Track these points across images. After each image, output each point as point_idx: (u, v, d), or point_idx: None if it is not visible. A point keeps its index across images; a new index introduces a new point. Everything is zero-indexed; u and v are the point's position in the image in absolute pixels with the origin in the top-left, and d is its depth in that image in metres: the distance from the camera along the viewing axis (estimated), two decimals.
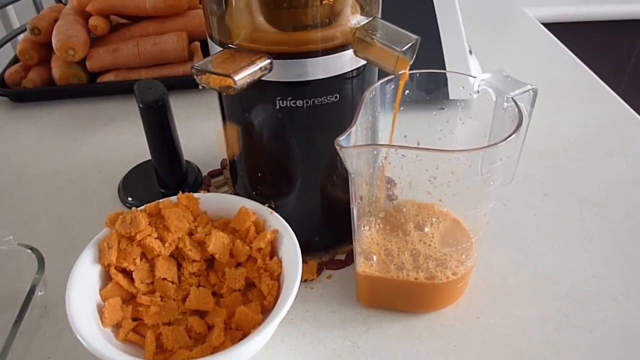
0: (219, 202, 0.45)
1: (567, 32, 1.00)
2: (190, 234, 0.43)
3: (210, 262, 0.44)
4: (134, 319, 0.40)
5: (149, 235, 0.41)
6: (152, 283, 0.42)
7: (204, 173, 0.60)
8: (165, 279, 0.41)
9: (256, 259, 0.42)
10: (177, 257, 0.43)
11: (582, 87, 0.75)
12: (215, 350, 0.38)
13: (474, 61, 0.71)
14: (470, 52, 0.70)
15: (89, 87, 0.75)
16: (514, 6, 1.02)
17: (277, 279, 0.41)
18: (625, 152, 0.61)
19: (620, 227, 0.51)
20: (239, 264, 0.43)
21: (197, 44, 0.78)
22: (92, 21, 0.74)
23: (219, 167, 0.61)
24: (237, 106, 0.41)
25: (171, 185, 0.56)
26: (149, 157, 0.55)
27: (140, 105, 0.50)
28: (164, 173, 0.55)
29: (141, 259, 0.41)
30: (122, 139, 0.67)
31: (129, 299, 0.41)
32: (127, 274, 0.41)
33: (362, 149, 0.34)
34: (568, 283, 0.46)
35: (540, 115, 0.60)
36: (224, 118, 0.44)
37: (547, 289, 0.46)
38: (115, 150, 0.65)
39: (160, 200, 0.44)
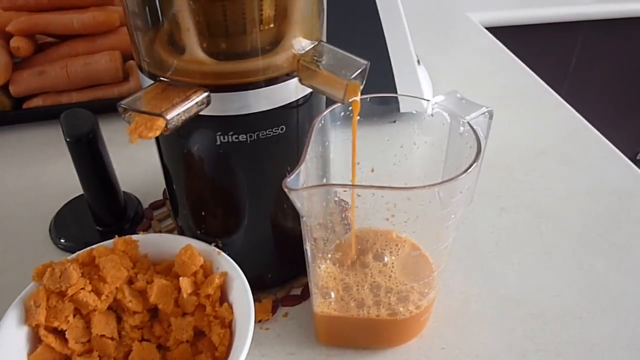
0: (161, 243, 0.42)
1: (509, 35, 1.00)
2: (130, 282, 0.39)
3: (154, 312, 0.40)
4: None
5: (82, 288, 0.37)
6: (88, 341, 0.38)
7: (145, 205, 0.55)
8: (103, 335, 0.38)
9: (205, 306, 0.38)
10: (116, 309, 0.39)
11: (530, 93, 0.75)
12: None
13: (423, 71, 0.69)
14: (419, 61, 0.69)
15: (14, 114, 0.69)
16: (457, 11, 1.02)
17: (228, 326, 0.38)
18: (578, 160, 0.61)
19: (579, 240, 0.51)
20: (185, 313, 0.39)
21: (132, 62, 0.73)
22: (14, 42, 0.68)
23: (162, 197, 0.56)
24: (173, 140, 0.38)
25: (109, 221, 0.52)
26: (82, 191, 0.50)
27: (68, 139, 0.45)
28: (100, 209, 0.51)
29: (74, 316, 0.37)
30: (53, 170, 0.62)
31: None
32: (60, 334, 0.37)
33: (314, 190, 0.31)
34: (532, 303, 0.45)
35: (492, 125, 0.59)
36: (160, 152, 0.41)
37: (511, 311, 0.44)
38: (46, 184, 0.59)
39: (94, 246, 0.40)
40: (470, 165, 0.31)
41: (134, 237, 0.41)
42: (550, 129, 0.67)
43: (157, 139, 0.40)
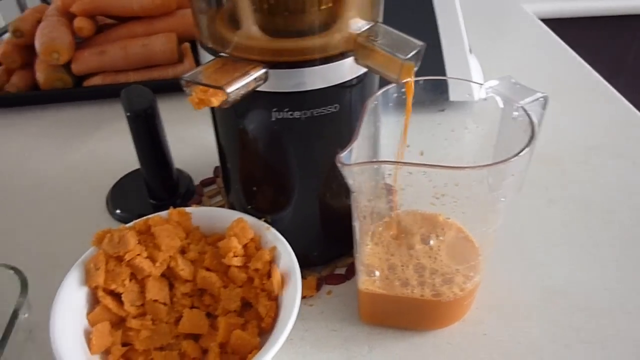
0: (213, 216, 0.43)
1: (565, 27, 0.98)
2: (183, 252, 0.41)
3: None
4: (123, 344, 0.38)
5: (138, 254, 0.39)
6: (142, 305, 0.39)
7: (196, 182, 0.57)
8: (156, 300, 0.39)
9: (253, 279, 0.40)
10: (169, 277, 0.41)
11: (584, 86, 0.74)
12: None
13: (474, 60, 0.69)
14: (470, 50, 0.68)
15: (75, 91, 0.72)
16: (512, 2, 1.00)
17: (274, 299, 0.39)
18: (631, 155, 0.60)
19: (630, 235, 0.50)
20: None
21: (187, 45, 0.76)
22: (77, 22, 0.71)
23: (212, 175, 0.58)
24: (230, 116, 0.39)
25: (162, 195, 0.54)
26: (138, 165, 0.53)
27: (128, 114, 0.47)
28: (154, 183, 0.53)
29: (130, 280, 0.39)
30: (110, 146, 0.64)
31: (118, 322, 0.39)
32: (116, 297, 0.39)
33: (365, 166, 0.31)
34: (578, 296, 0.44)
35: (543, 116, 0.58)
36: (216, 128, 0.42)
37: (556, 302, 0.44)
38: (103, 158, 0.62)
39: (150, 216, 0.42)
40: (524, 148, 0.31)
41: (188, 209, 0.43)
42: (604, 123, 0.65)
43: (213, 115, 0.41)
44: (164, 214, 0.42)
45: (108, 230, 0.40)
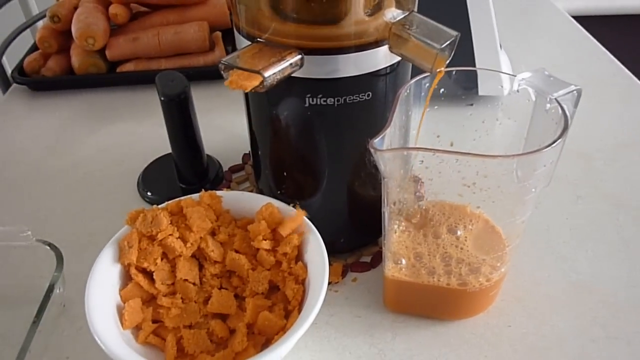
0: (243, 201, 0.44)
1: (596, 25, 0.96)
2: (213, 233, 0.42)
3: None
4: (154, 321, 0.39)
5: (170, 234, 0.40)
6: (173, 284, 0.40)
7: (225, 168, 0.58)
8: (186, 280, 0.40)
9: (281, 263, 0.40)
10: (199, 257, 0.42)
11: (616, 84, 0.73)
12: (237, 356, 0.37)
13: (504, 56, 0.68)
14: (500, 46, 0.68)
15: (109, 76, 0.74)
16: None
17: (302, 283, 0.40)
18: None
19: None
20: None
21: (219, 33, 0.76)
22: (113, 9, 0.72)
23: (241, 162, 0.59)
24: (263, 102, 0.40)
25: (192, 180, 0.55)
26: (169, 150, 0.54)
27: (162, 98, 0.49)
28: (185, 168, 0.54)
29: (162, 259, 0.40)
30: (142, 130, 0.66)
31: (149, 300, 0.40)
32: (148, 275, 0.40)
33: (397, 152, 0.32)
34: (604, 292, 0.44)
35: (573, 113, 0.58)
36: (248, 113, 0.43)
37: (583, 297, 0.44)
38: (135, 142, 0.63)
39: (182, 198, 0.43)
40: (557, 139, 0.31)
41: (219, 192, 0.44)
42: (635, 121, 0.65)
43: (247, 101, 0.42)
44: (195, 196, 0.43)
45: (141, 210, 0.41)
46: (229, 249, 0.41)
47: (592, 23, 0.94)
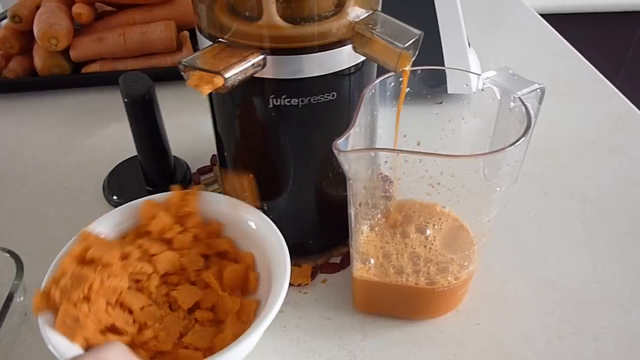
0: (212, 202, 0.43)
1: (564, 23, 0.98)
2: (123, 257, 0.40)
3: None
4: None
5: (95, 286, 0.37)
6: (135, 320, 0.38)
7: (193, 170, 0.57)
8: (142, 307, 0.38)
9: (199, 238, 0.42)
10: (136, 283, 0.40)
11: (582, 81, 0.74)
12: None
13: (472, 54, 0.69)
14: (469, 44, 0.68)
15: (73, 77, 0.72)
16: None
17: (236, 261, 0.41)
18: (627, 150, 0.60)
19: (624, 229, 0.50)
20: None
21: (186, 33, 0.75)
22: (76, 9, 0.70)
23: (209, 163, 0.58)
24: (227, 103, 0.39)
25: (159, 182, 0.54)
26: (135, 152, 0.53)
27: (126, 100, 0.47)
28: (151, 170, 0.53)
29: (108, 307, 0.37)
30: (108, 132, 0.64)
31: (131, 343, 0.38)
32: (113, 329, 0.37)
33: (362, 153, 0.32)
34: (571, 288, 0.44)
35: (540, 110, 0.58)
36: (213, 114, 0.42)
37: (550, 294, 0.44)
38: (100, 145, 0.62)
39: (135, 203, 0.42)
40: (520, 138, 0.31)
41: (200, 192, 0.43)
42: (602, 118, 0.66)
43: (211, 102, 0.41)
44: (159, 197, 0.42)
45: (50, 283, 0.36)
46: (148, 257, 0.40)
47: (559, 20, 0.96)
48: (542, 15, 0.92)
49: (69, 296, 0.34)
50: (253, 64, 0.33)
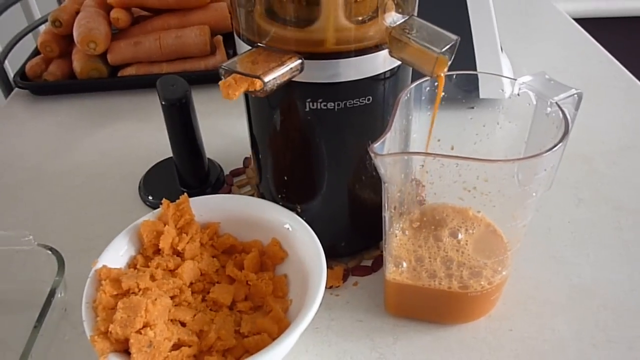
0: (243, 204, 0.44)
1: (598, 27, 0.96)
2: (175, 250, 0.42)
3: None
4: None
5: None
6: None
7: (226, 172, 0.58)
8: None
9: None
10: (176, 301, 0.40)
11: (617, 86, 0.73)
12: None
13: (505, 59, 0.68)
14: (501, 49, 0.68)
15: (110, 81, 0.74)
16: (544, 0, 0.99)
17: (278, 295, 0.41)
18: None
19: None
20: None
21: (220, 37, 0.77)
22: (114, 14, 0.72)
23: (242, 165, 0.59)
24: (264, 107, 0.40)
25: (193, 184, 0.55)
26: (170, 154, 0.54)
27: (163, 103, 0.49)
28: (186, 172, 0.54)
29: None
30: (143, 134, 0.66)
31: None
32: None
33: (398, 157, 0.32)
34: (606, 296, 0.44)
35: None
36: (249, 118, 0.43)
37: (584, 301, 0.43)
38: (136, 146, 0.64)
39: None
40: (558, 143, 0.31)
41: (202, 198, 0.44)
42: (637, 123, 0.64)
43: (247, 105, 0.42)
44: (151, 215, 0.43)
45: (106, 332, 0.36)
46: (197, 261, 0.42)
47: (593, 25, 0.94)
48: (574, 19, 0.91)
49: (132, 327, 0.35)
50: (291, 68, 0.33)
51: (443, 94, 0.39)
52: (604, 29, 0.98)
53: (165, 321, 0.37)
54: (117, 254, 0.41)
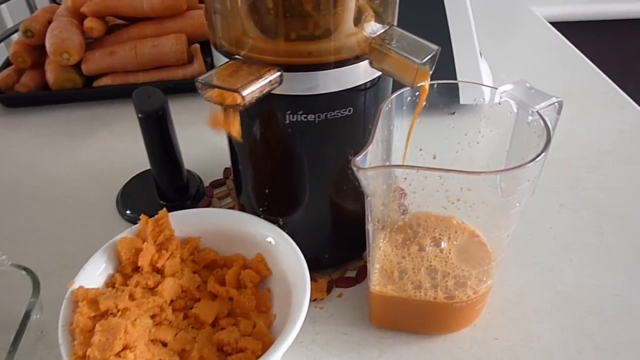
0: (224, 217, 0.43)
1: (575, 31, 0.98)
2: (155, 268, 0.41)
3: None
4: None
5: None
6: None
7: (206, 183, 0.57)
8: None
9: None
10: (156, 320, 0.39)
11: (595, 90, 0.73)
12: None
13: (484, 64, 0.68)
14: (480, 54, 0.68)
15: (85, 91, 0.72)
16: (520, 5, 1.00)
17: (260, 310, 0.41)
18: None
19: None
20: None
21: (197, 46, 0.76)
22: (88, 23, 0.71)
23: (222, 176, 0.58)
24: (243, 119, 0.38)
25: (172, 196, 0.54)
26: (148, 165, 0.53)
27: (140, 115, 0.47)
28: (165, 185, 0.53)
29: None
30: (120, 146, 0.64)
31: None
32: None
33: (380, 170, 0.31)
34: (590, 302, 0.44)
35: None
36: None
37: (568, 308, 0.43)
38: (113, 158, 0.62)
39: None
40: (540, 154, 0.31)
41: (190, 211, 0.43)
42: (616, 128, 0.65)
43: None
44: (129, 232, 0.42)
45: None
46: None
47: (570, 29, 0.95)
48: (552, 23, 0.92)
49: (111, 350, 0.33)
50: (270, 81, 0.33)
51: (425, 103, 0.38)
52: (580, 32, 1.00)
53: (145, 342, 0.36)
54: (94, 273, 0.39)
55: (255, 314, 0.40)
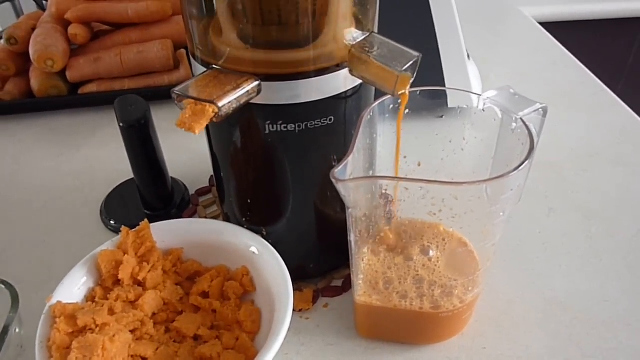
0: (207, 228, 0.43)
1: (563, 31, 0.97)
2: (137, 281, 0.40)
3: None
4: None
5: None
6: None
7: (192, 191, 0.56)
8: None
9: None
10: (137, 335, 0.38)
11: (583, 91, 0.73)
12: None
13: (472, 66, 0.68)
14: (468, 56, 0.67)
15: (70, 98, 0.71)
16: (509, 5, 1.00)
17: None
18: (632, 162, 0.59)
19: (631, 245, 0.49)
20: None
21: (183, 51, 0.75)
22: (72, 29, 0.70)
23: (207, 184, 0.57)
24: (223, 129, 0.38)
25: (157, 206, 0.53)
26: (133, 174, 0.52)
27: (121, 124, 0.47)
28: (149, 194, 0.52)
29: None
30: (105, 154, 0.63)
31: None
32: None
33: (361, 182, 0.31)
34: (579, 308, 0.43)
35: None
36: (209, 139, 0.41)
37: (557, 314, 0.43)
38: (98, 167, 0.61)
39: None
40: (523, 163, 0.30)
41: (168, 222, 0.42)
42: (605, 129, 0.65)
43: (207, 127, 0.40)
44: (110, 244, 0.41)
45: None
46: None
47: (559, 29, 0.95)
48: (541, 23, 0.92)
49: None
50: (248, 91, 0.32)
51: (408, 111, 0.38)
52: (570, 32, 0.99)
53: (124, 358, 0.35)
54: (73, 288, 0.39)
55: (238, 326, 0.39)
